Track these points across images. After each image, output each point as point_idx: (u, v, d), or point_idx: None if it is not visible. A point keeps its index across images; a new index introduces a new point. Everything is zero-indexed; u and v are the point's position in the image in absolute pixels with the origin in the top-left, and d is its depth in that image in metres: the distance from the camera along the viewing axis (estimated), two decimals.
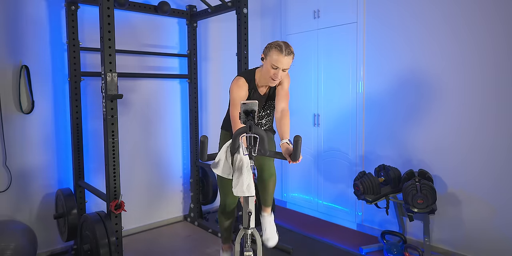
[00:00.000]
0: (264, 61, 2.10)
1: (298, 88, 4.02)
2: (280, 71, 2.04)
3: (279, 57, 2.00)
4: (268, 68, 2.06)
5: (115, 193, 2.41)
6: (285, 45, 2.03)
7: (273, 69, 2.04)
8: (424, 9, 3.00)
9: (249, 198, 1.84)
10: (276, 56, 2.01)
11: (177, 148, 3.78)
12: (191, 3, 3.68)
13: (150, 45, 3.52)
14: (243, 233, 1.87)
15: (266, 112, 2.35)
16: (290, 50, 2.03)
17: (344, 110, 3.58)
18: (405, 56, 3.13)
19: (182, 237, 3.41)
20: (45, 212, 2.97)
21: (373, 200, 2.93)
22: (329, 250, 3.11)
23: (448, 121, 2.90)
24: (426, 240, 2.82)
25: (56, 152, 3.02)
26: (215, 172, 1.92)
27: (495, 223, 2.69)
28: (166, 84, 3.66)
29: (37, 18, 2.87)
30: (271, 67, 2.04)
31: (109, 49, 2.30)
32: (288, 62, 2.03)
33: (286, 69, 2.06)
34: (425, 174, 2.84)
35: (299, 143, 1.70)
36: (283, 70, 2.04)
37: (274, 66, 2.03)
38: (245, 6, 2.98)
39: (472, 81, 2.76)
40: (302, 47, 3.95)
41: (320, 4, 3.73)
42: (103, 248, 2.25)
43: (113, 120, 2.36)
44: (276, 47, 2.02)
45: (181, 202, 3.84)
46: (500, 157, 2.66)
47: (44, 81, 2.93)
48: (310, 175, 3.96)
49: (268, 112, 2.36)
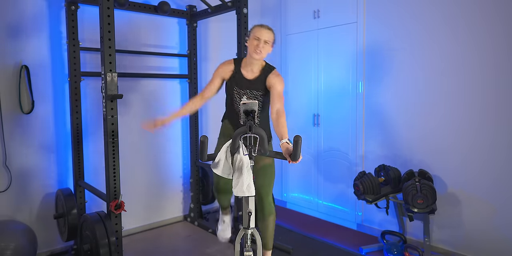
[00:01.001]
0: (248, 43, 2.28)
1: (298, 88, 4.02)
2: (262, 43, 2.21)
3: (260, 29, 2.24)
4: (251, 42, 2.24)
5: (115, 193, 2.40)
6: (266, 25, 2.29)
7: (255, 40, 2.22)
8: (424, 9, 3.00)
9: (249, 198, 1.84)
10: (257, 29, 2.25)
11: (177, 148, 3.78)
12: (191, 3, 3.68)
13: (150, 45, 3.52)
14: (243, 233, 1.87)
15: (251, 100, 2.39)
16: (270, 28, 2.27)
17: (344, 110, 3.58)
18: (405, 56, 3.13)
19: (182, 237, 3.41)
20: (45, 212, 2.97)
21: (373, 200, 2.93)
22: (329, 250, 3.11)
23: (448, 121, 2.90)
24: (426, 240, 2.82)
25: (56, 152, 3.02)
26: (215, 172, 1.92)
27: (495, 223, 2.69)
28: (166, 84, 3.66)
29: (37, 18, 2.87)
30: (253, 39, 2.23)
31: (109, 49, 2.30)
32: (269, 36, 2.23)
33: (268, 41, 2.23)
34: (425, 174, 2.84)
35: (299, 143, 1.71)
36: (265, 42, 2.21)
37: (256, 37, 2.22)
38: (245, 6, 2.98)
39: (472, 81, 2.76)
40: (302, 47, 3.95)
41: (320, 4, 3.73)
42: (103, 248, 2.25)
43: (113, 120, 2.36)
44: (257, 25, 2.29)
45: (181, 202, 3.84)
46: (499, 157, 2.66)
47: (44, 81, 2.93)
48: (310, 175, 3.96)
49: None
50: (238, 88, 2.33)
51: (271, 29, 2.27)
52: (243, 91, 2.33)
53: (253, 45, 2.22)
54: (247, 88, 2.33)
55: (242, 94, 2.33)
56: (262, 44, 2.21)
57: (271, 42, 2.25)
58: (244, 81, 2.33)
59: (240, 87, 2.33)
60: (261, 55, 2.24)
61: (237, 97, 2.34)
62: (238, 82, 2.34)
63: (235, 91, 2.34)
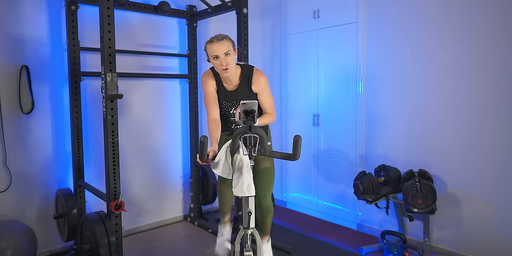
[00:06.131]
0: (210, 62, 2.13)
1: (298, 88, 4.02)
2: (222, 58, 2.05)
3: (211, 46, 2.05)
4: (214, 62, 2.10)
5: (115, 193, 2.40)
6: (216, 35, 2.10)
7: (215, 60, 2.08)
8: (424, 9, 3.00)
9: (249, 198, 1.84)
10: (209, 47, 2.07)
11: (177, 148, 3.78)
12: (191, 3, 3.68)
13: (150, 45, 3.52)
14: (243, 233, 1.87)
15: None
16: (221, 36, 2.08)
17: (344, 110, 3.58)
18: (405, 56, 3.13)
19: (182, 237, 3.41)
20: (45, 212, 2.97)
21: (373, 200, 2.93)
22: (329, 250, 3.11)
23: (448, 121, 2.90)
24: (426, 240, 2.82)
25: (56, 152, 3.02)
26: (215, 172, 1.92)
27: (495, 223, 2.69)
28: (166, 84, 3.66)
29: (37, 18, 2.87)
30: (213, 59, 2.08)
31: (109, 49, 2.30)
32: (223, 47, 2.04)
33: (228, 52, 2.06)
34: (425, 174, 2.84)
35: (299, 143, 1.70)
36: (226, 55, 2.05)
37: (213, 56, 2.06)
38: (245, 6, 2.98)
39: (472, 80, 2.76)
40: (302, 47, 3.95)
41: (320, 4, 3.73)
42: (103, 248, 2.25)
43: (113, 120, 2.36)
44: (207, 42, 2.10)
45: (181, 202, 3.85)
46: (500, 157, 2.66)
47: (44, 81, 2.93)
48: (310, 175, 3.96)
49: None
50: (224, 101, 2.26)
51: (223, 38, 2.07)
52: (229, 104, 2.26)
53: (217, 65, 2.08)
54: (233, 100, 2.25)
55: (228, 107, 2.27)
56: (224, 59, 2.05)
57: (231, 49, 2.08)
58: (227, 93, 2.25)
59: (225, 100, 2.26)
60: (230, 70, 2.10)
61: (224, 110, 2.29)
62: (222, 95, 2.26)
63: (222, 104, 2.28)
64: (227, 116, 2.30)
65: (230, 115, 2.29)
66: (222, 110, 2.29)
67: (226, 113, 2.29)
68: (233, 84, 2.23)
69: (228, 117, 2.30)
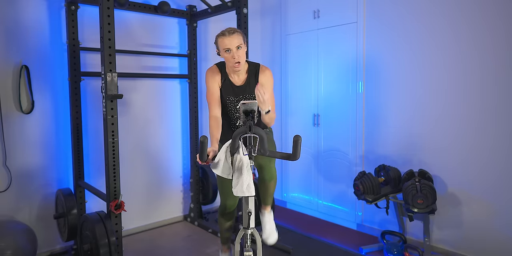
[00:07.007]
0: (221, 55, 2.11)
1: (298, 88, 4.03)
2: (234, 51, 2.03)
3: (223, 39, 2.03)
4: (225, 56, 2.07)
5: (115, 193, 2.41)
6: (227, 28, 2.07)
7: (227, 53, 2.05)
8: (424, 9, 3.00)
9: (249, 198, 1.84)
10: (221, 40, 2.04)
11: (177, 148, 3.78)
12: (191, 3, 3.68)
13: (150, 45, 3.52)
14: (243, 233, 1.87)
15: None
16: (232, 30, 2.05)
17: (344, 110, 3.58)
18: (405, 56, 3.13)
19: (182, 237, 3.41)
20: (45, 212, 2.97)
21: (373, 200, 2.93)
22: (329, 250, 3.11)
23: (448, 121, 2.90)
24: (426, 240, 2.82)
25: (56, 152, 3.02)
26: (215, 172, 1.92)
27: (495, 223, 2.69)
28: (166, 84, 3.66)
29: (37, 18, 2.87)
30: (224, 52, 2.05)
31: (109, 49, 2.30)
32: (235, 41, 2.02)
33: (240, 46, 2.04)
34: (425, 174, 2.84)
35: (299, 143, 1.70)
36: (238, 48, 2.03)
37: (225, 49, 2.04)
38: (245, 6, 2.98)
39: (472, 80, 2.76)
40: (302, 47, 3.95)
41: (320, 4, 3.73)
42: (103, 248, 2.25)
43: (113, 120, 2.36)
44: (218, 35, 2.07)
45: (181, 202, 3.85)
46: (500, 157, 2.65)
47: (44, 81, 2.93)
48: (310, 175, 3.96)
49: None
50: (231, 97, 2.22)
51: (235, 31, 2.05)
52: (237, 98, 2.22)
53: (229, 58, 2.05)
54: (240, 95, 2.22)
55: (235, 102, 2.23)
56: (236, 52, 2.03)
57: (242, 42, 2.05)
58: (235, 88, 2.20)
59: (233, 95, 2.22)
60: (241, 64, 2.07)
61: (231, 105, 2.23)
62: (229, 91, 2.21)
63: (228, 100, 2.23)
64: (233, 111, 2.26)
65: (236, 111, 2.25)
66: (229, 106, 2.24)
67: (233, 108, 2.25)
68: (241, 79, 2.21)
69: (234, 113, 2.26)
